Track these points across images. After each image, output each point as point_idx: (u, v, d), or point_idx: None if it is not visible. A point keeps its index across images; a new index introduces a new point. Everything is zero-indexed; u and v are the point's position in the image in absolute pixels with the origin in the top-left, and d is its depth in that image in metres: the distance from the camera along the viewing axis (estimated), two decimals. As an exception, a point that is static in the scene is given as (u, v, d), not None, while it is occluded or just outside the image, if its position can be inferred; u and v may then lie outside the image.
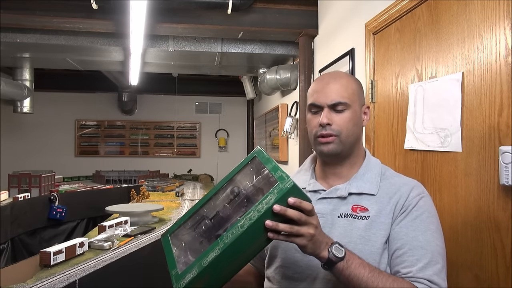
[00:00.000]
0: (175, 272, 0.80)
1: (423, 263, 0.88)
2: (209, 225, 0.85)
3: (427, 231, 0.91)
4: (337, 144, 0.98)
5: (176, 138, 6.70)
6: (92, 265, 1.52)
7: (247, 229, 0.74)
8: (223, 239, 0.75)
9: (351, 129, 0.98)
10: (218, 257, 0.74)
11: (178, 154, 6.70)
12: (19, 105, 4.56)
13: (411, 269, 0.88)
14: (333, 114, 0.98)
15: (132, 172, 5.43)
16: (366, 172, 1.01)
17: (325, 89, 0.99)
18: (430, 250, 0.89)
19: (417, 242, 0.90)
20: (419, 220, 0.92)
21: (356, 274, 0.82)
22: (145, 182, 4.40)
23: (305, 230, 0.77)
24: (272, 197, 0.75)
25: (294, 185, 0.76)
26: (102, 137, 6.52)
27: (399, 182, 0.99)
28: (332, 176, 1.04)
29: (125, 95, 6.08)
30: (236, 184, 0.87)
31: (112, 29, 2.83)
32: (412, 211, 0.93)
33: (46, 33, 3.03)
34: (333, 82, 1.00)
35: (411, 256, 0.89)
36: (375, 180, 0.99)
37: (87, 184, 4.77)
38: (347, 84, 1.00)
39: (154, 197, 3.59)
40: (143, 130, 6.62)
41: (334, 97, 0.98)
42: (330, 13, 2.60)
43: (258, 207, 0.76)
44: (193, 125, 6.76)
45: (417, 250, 0.89)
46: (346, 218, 0.96)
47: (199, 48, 3.30)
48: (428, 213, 0.94)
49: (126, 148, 6.59)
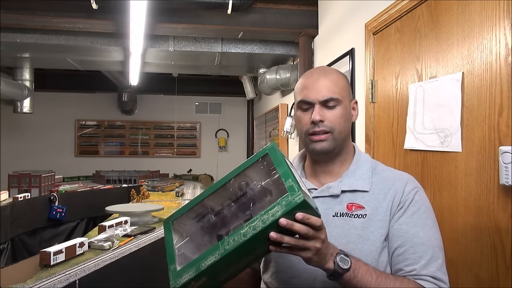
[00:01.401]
0: (173, 267, 0.78)
1: (425, 260, 0.88)
2: (212, 221, 0.83)
3: (425, 226, 0.92)
4: (330, 142, 0.96)
5: (176, 138, 6.70)
6: (92, 265, 1.52)
7: (250, 238, 0.71)
8: (223, 244, 0.73)
9: (343, 125, 0.97)
10: (217, 262, 0.72)
11: (178, 154, 6.70)
12: (19, 105, 4.55)
13: (414, 267, 0.88)
14: (325, 110, 0.95)
15: (132, 172, 5.43)
16: (357, 168, 1.00)
17: (315, 85, 0.96)
18: (431, 245, 0.89)
19: (418, 239, 0.90)
20: (417, 215, 0.92)
21: (363, 282, 0.81)
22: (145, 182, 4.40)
23: (311, 244, 0.74)
24: (279, 210, 0.72)
25: (304, 201, 0.72)
26: (102, 137, 6.52)
27: (392, 176, 0.98)
28: (323, 174, 1.02)
29: (125, 95, 6.08)
30: (245, 180, 0.83)
31: (112, 29, 2.83)
32: (410, 206, 0.93)
33: (46, 33, 3.04)
34: (323, 77, 0.97)
35: (413, 254, 0.89)
36: (367, 176, 0.98)
37: (87, 184, 4.76)
38: (337, 79, 0.98)
39: (154, 197, 3.59)
40: (143, 130, 6.62)
41: (326, 93, 0.95)
42: (330, 13, 2.60)
43: (264, 218, 0.72)
44: (193, 125, 6.76)
45: (419, 247, 0.89)
46: (342, 217, 0.94)
47: (199, 48, 3.30)
48: (425, 207, 0.94)
49: (126, 148, 6.59)
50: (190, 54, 3.45)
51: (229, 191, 0.84)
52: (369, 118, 1.88)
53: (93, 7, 2.43)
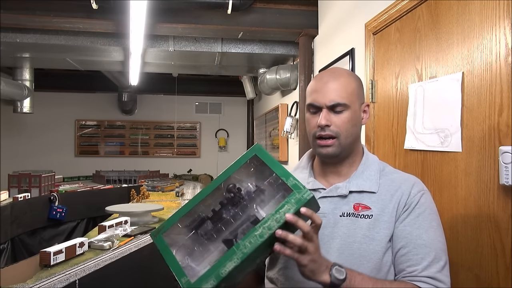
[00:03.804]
0: (185, 280, 0.76)
1: (427, 261, 0.89)
2: (211, 227, 0.82)
3: (429, 228, 0.92)
4: (336, 147, 0.97)
5: (176, 138, 6.69)
6: (92, 265, 1.52)
7: (266, 239, 0.72)
8: (240, 248, 0.73)
9: (350, 130, 0.97)
10: (237, 266, 0.72)
11: (178, 154, 6.70)
12: (19, 105, 4.55)
13: (416, 268, 0.89)
14: (332, 115, 0.96)
15: (132, 172, 5.43)
16: (365, 169, 1.01)
17: (324, 89, 0.97)
18: (434, 247, 0.90)
19: (421, 240, 0.91)
20: (422, 217, 0.93)
21: None
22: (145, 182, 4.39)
23: (310, 246, 0.76)
24: (291, 207, 0.73)
25: (313, 197, 0.74)
26: (102, 137, 6.52)
27: (399, 178, 0.99)
28: (332, 175, 1.03)
29: (125, 95, 6.07)
30: (236, 183, 0.83)
31: (112, 29, 2.83)
32: (415, 208, 0.94)
33: (46, 33, 3.03)
34: (332, 81, 0.97)
35: (415, 255, 0.90)
36: (375, 178, 0.99)
37: (87, 184, 4.76)
38: (346, 83, 0.98)
39: (154, 197, 3.59)
40: (143, 130, 6.62)
41: (333, 97, 0.95)
42: (330, 13, 2.60)
43: (276, 217, 0.73)
44: (193, 125, 6.76)
45: (421, 248, 0.90)
46: (349, 217, 0.95)
47: (199, 48, 3.30)
48: (430, 210, 0.95)
49: (126, 148, 6.59)
50: (190, 54, 3.45)
51: (221, 195, 0.84)
52: (369, 118, 1.87)
53: (93, 7, 2.43)
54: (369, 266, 0.91)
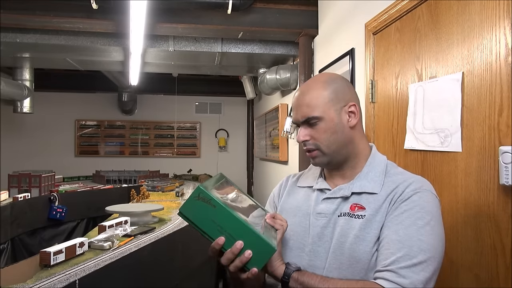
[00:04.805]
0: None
1: (396, 256, 0.85)
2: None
3: (411, 225, 0.88)
4: (321, 157, 1.01)
5: (176, 138, 6.69)
6: (92, 265, 1.52)
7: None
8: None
9: (331, 138, 0.99)
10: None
11: (178, 154, 6.70)
12: (19, 105, 4.55)
13: (384, 263, 0.86)
14: (309, 128, 1.01)
15: (132, 172, 5.43)
16: (370, 170, 1.00)
17: (296, 105, 1.02)
18: (408, 244, 0.85)
19: (396, 236, 0.87)
20: (407, 214, 0.90)
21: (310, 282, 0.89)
22: (145, 182, 4.39)
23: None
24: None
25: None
26: (102, 137, 6.52)
27: (400, 179, 0.97)
28: (337, 177, 1.05)
29: (125, 95, 6.07)
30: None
31: (112, 29, 2.83)
32: (402, 205, 0.91)
33: (46, 33, 3.03)
34: (302, 96, 1.01)
35: (386, 250, 0.87)
36: (379, 179, 0.98)
37: (87, 184, 4.76)
38: (316, 95, 0.99)
39: (154, 197, 3.59)
40: (143, 130, 6.62)
41: (304, 113, 0.99)
42: (330, 13, 2.60)
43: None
44: (193, 125, 6.76)
45: (394, 243, 0.87)
46: (345, 217, 0.96)
47: (199, 48, 3.30)
48: (420, 208, 0.90)
49: (126, 148, 6.59)
50: (190, 54, 3.45)
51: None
52: (369, 118, 1.88)
53: (93, 7, 2.43)
54: (358, 267, 0.91)
